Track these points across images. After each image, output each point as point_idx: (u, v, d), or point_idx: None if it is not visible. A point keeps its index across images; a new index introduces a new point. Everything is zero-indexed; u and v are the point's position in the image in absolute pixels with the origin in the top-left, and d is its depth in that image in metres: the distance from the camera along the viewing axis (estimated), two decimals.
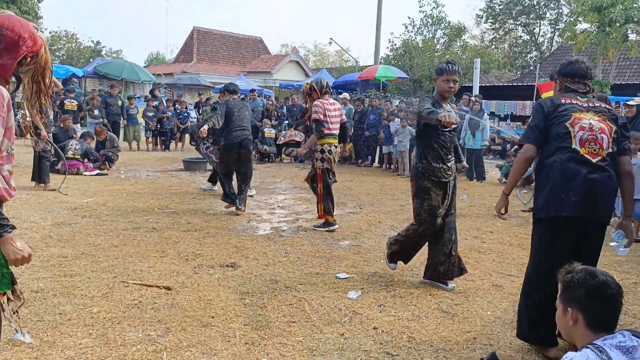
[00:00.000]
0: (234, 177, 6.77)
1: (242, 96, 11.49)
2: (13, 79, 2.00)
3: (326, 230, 5.79)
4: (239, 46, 35.28)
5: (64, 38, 45.56)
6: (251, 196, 7.42)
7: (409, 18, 46.33)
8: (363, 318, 3.45)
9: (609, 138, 2.85)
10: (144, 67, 27.44)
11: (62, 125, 10.17)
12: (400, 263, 4.31)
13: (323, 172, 5.80)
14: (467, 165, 5.29)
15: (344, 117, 6.10)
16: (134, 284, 3.89)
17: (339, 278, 4.22)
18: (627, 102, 7.43)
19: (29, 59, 1.95)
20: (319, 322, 3.35)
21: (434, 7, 27.89)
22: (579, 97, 3.00)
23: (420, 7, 27.88)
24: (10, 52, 1.88)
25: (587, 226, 2.85)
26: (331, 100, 5.94)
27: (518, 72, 33.63)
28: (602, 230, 2.94)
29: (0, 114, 1.87)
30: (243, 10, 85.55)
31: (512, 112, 17.19)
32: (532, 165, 4.07)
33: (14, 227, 1.91)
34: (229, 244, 5.11)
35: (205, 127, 6.47)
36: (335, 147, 5.84)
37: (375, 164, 12.81)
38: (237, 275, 4.18)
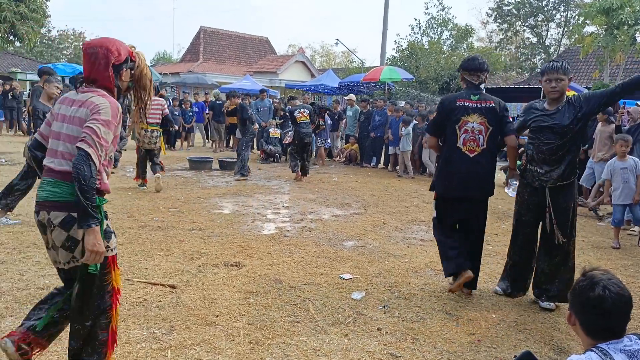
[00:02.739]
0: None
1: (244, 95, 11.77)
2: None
3: (139, 187, 7.94)
4: (245, 46, 35.31)
5: (72, 37, 45.77)
6: None
7: (415, 19, 46.31)
8: (367, 319, 3.45)
9: (485, 136, 3.85)
10: (151, 66, 27.54)
11: None
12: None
13: (138, 148, 7.98)
14: None
15: (166, 110, 8.07)
16: (139, 282, 3.90)
17: (343, 279, 4.22)
18: (639, 103, 7.43)
19: (123, 70, 2.41)
20: (323, 323, 3.35)
21: (440, 9, 27.87)
22: (471, 97, 3.91)
23: (427, 9, 27.88)
24: (106, 65, 2.35)
25: (469, 202, 3.94)
26: (152, 97, 7.91)
27: (526, 74, 33.52)
28: (481, 205, 4.00)
29: (114, 123, 2.28)
30: (251, 11, 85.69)
31: (518, 115, 17.11)
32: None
33: (99, 222, 2.21)
34: (233, 243, 5.12)
35: None
36: (146, 131, 7.74)
37: (381, 165, 12.79)
38: (242, 275, 4.19)
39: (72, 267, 2.32)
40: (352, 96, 14.02)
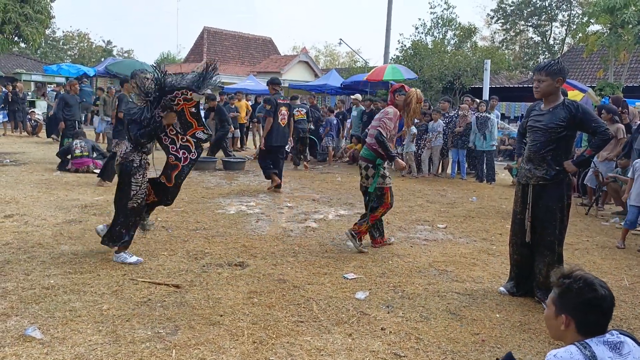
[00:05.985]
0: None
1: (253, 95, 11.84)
2: None
3: None
4: (249, 46, 35.35)
5: (76, 37, 45.97)
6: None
7: (419, 19, 46.30)
8: (371, 319, 3.45)
9: (287, 117, 8.21)
10: (155, 67, 27.57)
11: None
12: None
13: None
14: None
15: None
16: (143, 281, 3.92)
17: (347, 278, 4.22)
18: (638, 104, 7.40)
19: (397, 94, 5.13)
20: (326, 322, 3.35)
21: (445, 9, 27.80)
22: (282, 98, 8.32)
23: (431, 8, 27.80)
24: (389, 94, 5.38)
25: (278, 149, 8.28)
26: None
27: (530, 73, 33.39)
28: (284, 148, 8.61)
29: (394, 119, 4.97)
30: (255, 11, 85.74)
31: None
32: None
33: (396, 155, 4.97)
34: (237, 243, 5.13)
35: None
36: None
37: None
38: (246, 275, 4.20)
39: (366, 188, 5.07)
40: (358, 96, 13.97)
